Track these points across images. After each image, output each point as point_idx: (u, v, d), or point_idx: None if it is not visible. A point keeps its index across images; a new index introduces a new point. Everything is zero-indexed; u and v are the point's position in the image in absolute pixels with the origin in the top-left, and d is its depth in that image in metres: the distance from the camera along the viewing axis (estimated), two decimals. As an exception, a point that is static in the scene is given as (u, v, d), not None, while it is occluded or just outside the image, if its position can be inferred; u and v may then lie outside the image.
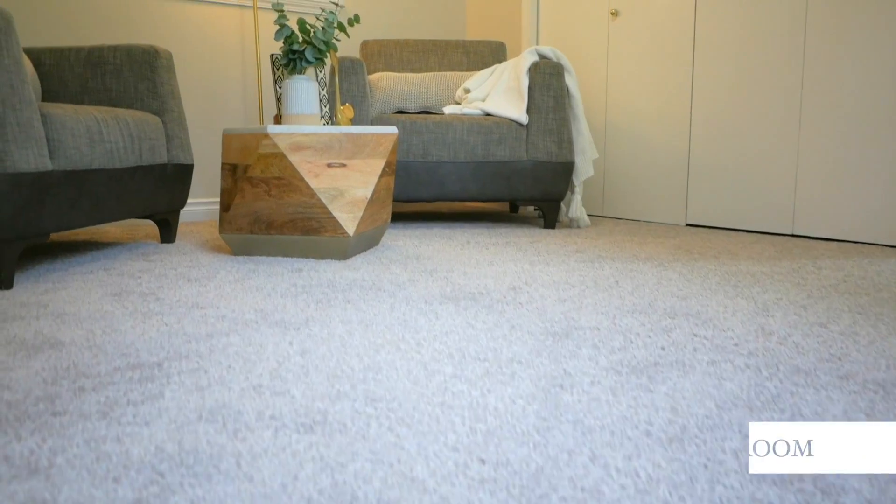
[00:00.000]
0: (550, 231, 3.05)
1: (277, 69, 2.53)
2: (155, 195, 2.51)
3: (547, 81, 3.04)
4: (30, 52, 2.64)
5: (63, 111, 2.04)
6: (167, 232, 2.71)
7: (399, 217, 3.58)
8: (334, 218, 2.27)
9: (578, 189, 3.16)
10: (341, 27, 2.50)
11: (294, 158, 2.24)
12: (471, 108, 3.17)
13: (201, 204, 3.50)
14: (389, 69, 3.56)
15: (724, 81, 3.04)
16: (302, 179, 2.25)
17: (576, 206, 3.15)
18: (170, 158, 2.57)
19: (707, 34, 3.08)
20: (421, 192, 3.04)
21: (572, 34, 3.72)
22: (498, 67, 3.36)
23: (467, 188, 3.04)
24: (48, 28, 3.05)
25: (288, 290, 1.84)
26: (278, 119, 2.55)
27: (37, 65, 2.63)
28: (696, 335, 1.39)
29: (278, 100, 2.51)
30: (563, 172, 3.04)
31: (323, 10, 2.40)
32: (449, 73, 3.42)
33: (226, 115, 3.51)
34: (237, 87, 3.53)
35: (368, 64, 3.59)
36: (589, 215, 3.71)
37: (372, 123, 3.03)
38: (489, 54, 3.62)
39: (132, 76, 2.57)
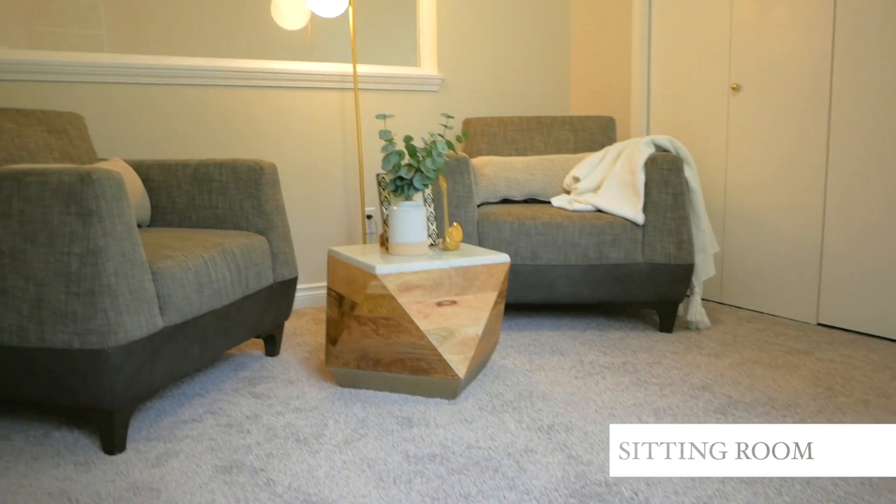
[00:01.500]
0: (668, 338, 2.86)
1: (383, 189, 2.44)
2: (260, 318, 2.47)
3: (665, 178, 2.84)
4: (139, 167, 2.64)
5: (173, 261, 2.00)
6: (272, 345, 2.67)
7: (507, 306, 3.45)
8: (444, 360, 2.17)
9: (698, 290, 2.95)
10: (450, 145, 2.39)
11: (403, 300, 2.14)
12: (581, 201, 3.00)
13: (301, 290, 3.46)
14: (493, 149, 3.42)
15: (866, 164, 2.76)
16: (411, 321, 2.15)
17: (695, 309, 2.94)
18: (275, 277, 2.52)
19: (845, 112, 2.81)
20: (529, 295, 2.90)
21: (687, 109, 3.48)
22: (609, 152, 3.18)
23: (578, 291, 2.88)
24: (147, 119, 3.05)
25: (400, 466, 1.74)
26: (384, 240, 2.46)
27: (146, 180, 2.62)
28: None
29: (384, 222, 2.42)
30: (682, 275, 2.84)
31: (431, 135, 2.28)
32: (556, 157, 3.26)
33: (325, 194, 3.45)
34: (337, 162, 3.46)
35: (471, 143, 3.46)
36: (705, 300, 3.48)
37: (478, 222, 2.90)
38: (598, 131, 3.43)
39: (238, 193, 2.52)
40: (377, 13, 3.55)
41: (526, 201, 3.30)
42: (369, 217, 3.54)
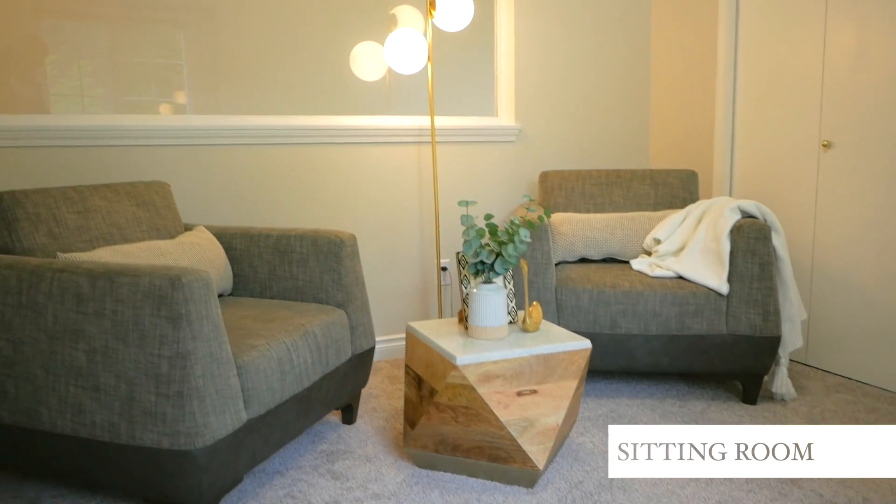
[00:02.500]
0: (752, 411, 2.76)
1: (463, 268, 2.42)
2: (339, 391, 2.48)
3: (752, 247, 2.74)
4: (222, 236, 2.68)
5: (257, 351, 2.03)
6: (349, 413, 2.68)
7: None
8: (524, 451, 2.14)
9: (784, 361, 2.84)
10: (531, 225, 2.35)
11: (483, 390, 2.12)
12: (662, 266, 2.92)
13: (376, 342, 3.47)
14: (570, 203, 3.36)
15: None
16: (491, 412, 2.12)
17: (781, 380, 2.83)
18: (353, 350, 2.53)
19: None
20: (607, 363, 2.84)
21: (774, 164, 3.35)
22: (691, 212, 3.08)
23: (658, 361, 2.81)
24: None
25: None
26: (462, 316, 2.43)
27: (228, 248, 2.67)
28: None
29: (464, 300, 2.40)
30: (768, 347, 2.73)
31: (514, 223, 2.25)
32: (636, 215, 3.17)
33: (400, 244, 3.45)
34: (413, 213, 3.46)
35: (548, 197, 3.40)
36: (791, 361, 3.35)
37: (557, 288, 2.85)
38: (679, 186, 3.33)
39: (318, 266, 2.54)
40: (454, 63, 3.53)
41: (604, 260, 3.23)
42: (444, 269, 3.52)
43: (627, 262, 3.18)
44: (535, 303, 2.40)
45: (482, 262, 2.27)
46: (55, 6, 2.74)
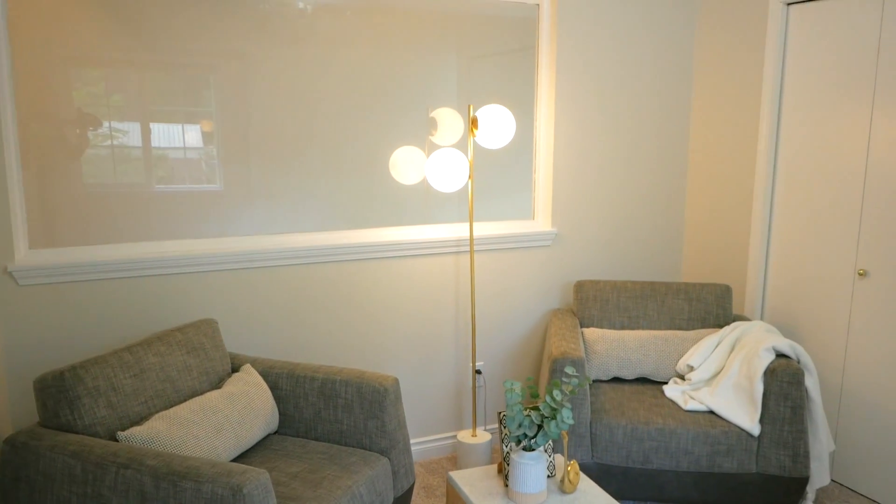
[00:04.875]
0: (777, 545, 2.85)
1: (504, 427, 2.49)
2: (381, 536, 2.58)
3: (785, 391, 2.79)
4: (268, 375, 2.76)
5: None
6: (388, 544, 2.78)
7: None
8: None
9: (811, 497, 2.91)
10: (572, 393, 2.42)
11: (524, 569, 2.20)
12: (695, 398, 2.98)
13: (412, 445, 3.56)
14: (604, 315, 3.41)
15: None
16: (531, 588, 2.21)
17: (807, 516, 2.91)
18: (395, 493, 2.62)
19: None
20: (637, 494, 2.92)
21: (808, 288, 3.37)
22: (725, 338, 3.13)
23: (688, 495, 2.88)
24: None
25: None
26: (502, 467, 2.52)
27: (274, 388, 2.75)
28: None
29: (504, 459, 2.48)
30: (797, 488, 2.80)
31: (555, 398, 2.32)
32: (669, 336, 3.23)
33: (437, 349, 3.52)
34: (449, 319, 3.53)
35: (582, 309, 3.45)
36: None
37: (591, 423, 2.92)
38: (713, 301, 3.37)
39: (362, 413, 2.62)
40: (493, 166, 3.56)
41: (638, 380, 3.29)
42: (479, 372, 3.60)
43: (661, 385, 3.24)
44: (573, 462, 2.48)
45: (525, 435, 2.34)
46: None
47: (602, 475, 2.93)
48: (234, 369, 2.83)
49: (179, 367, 2.55)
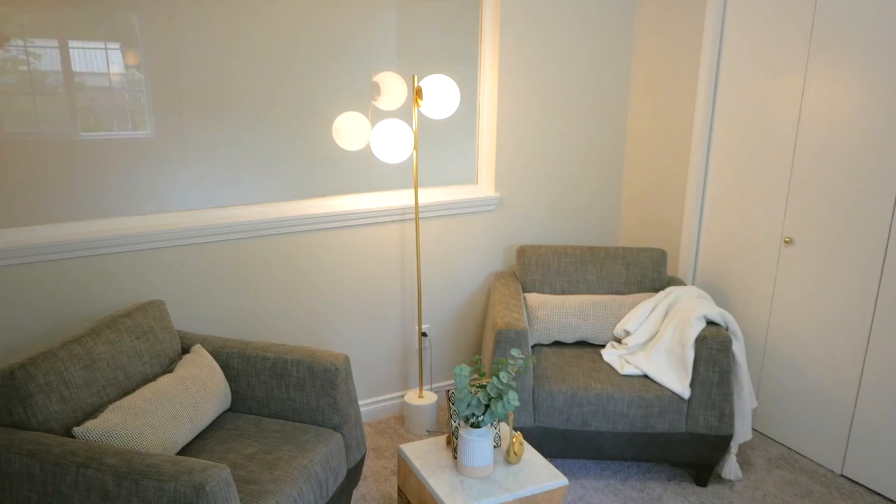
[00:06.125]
0: (702, 493, 3.08)
1: (452, 403, 2.60)
2: (335, 506, 2.70)
3: (714, 357, 2.98)
4: (218, 355, 2.79)
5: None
6: (341, 509, 2.91)
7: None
8: (507, 587, 2.40)
9: (734, 450, 3.15)
10: (518, 372, 2.53)
11: (473, 539, 2.36)
12: (631, 362, 3.15)
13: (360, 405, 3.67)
14: (546, 280, 3.52)
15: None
16: (479, 556, 2.37)
17: (730, 468, 3.15)
18: (349, 465, 2.72)
19: None
20: (577, 454, 3.11)
21: (737, 252, 3.55)
22: (659, 303, 3.29)
23: (623, 453, 3.08)
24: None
25: None
26: (451, 438, 2.64)
27: (225, 367, 2.79)
28: None
29: (453, 433, 2.60)
30: (722, 444, 3.03)
31: (502, 380, 2.43)
32: (608, 301, 3.37)
33: (383, 313, 3.58)
34: (395, 284, 3.59)
35: (524, 274, 3.56)
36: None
37: (534, 389, 3.06)
38: (649, 266, 3.52)
39: (314, 391, 2.69)
40: (437, 135, 3.57)
41: (577, 343, 3.44)
42: (425, 335, 3.69)
43: (599, 348, 3.40)
44: (518, 434, 2.62)
45: (473, 414, 2.46)
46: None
47: (543, 437, 3.10)
48: (185, 349, 2.85)
49: (130, 354, 2.56)
